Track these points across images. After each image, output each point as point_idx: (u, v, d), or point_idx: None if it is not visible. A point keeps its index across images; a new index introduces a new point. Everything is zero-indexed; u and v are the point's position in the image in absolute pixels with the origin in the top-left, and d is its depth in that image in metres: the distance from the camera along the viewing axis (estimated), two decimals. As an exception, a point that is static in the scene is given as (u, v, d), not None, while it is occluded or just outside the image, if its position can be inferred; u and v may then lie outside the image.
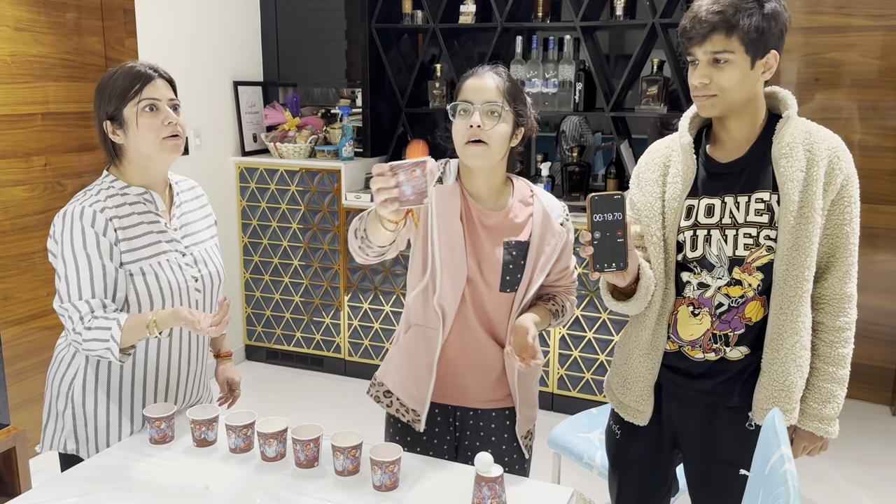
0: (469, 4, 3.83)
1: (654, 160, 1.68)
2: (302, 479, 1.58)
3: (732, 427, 1.64)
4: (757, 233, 1.55)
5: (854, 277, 1.60)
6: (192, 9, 3.73)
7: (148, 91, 1.67)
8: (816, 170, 1.52)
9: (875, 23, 3.50)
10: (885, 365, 3.75)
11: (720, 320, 1.61)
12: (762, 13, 1.46)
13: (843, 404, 3.55)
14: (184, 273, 1.76)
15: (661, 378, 1.70)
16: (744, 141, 1.58)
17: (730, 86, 1.49)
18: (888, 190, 3.62)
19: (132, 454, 1.68)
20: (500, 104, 1.61)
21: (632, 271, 1.51)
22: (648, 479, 1.79)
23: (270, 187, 4.01)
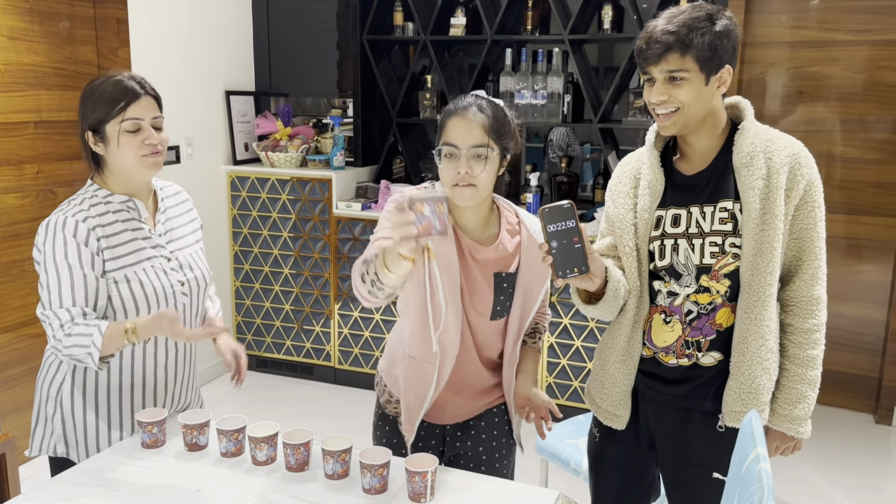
0: (459, 17, 3.88)
1: (626, 173, 1.73)
2: (292, 483, 1.60)
3: (706, 431, 1.68)
4: (722, 241, 1.60)
5: (822, 280, 1.64)
6: (185, 19, 3.76)
7: (132, 110, 1.68)
8: (777, 177, 1.56)
9: (857, 38, 3.57)
10: (868, 374, 3.80)
11: (691, 327, 1.65)
12: (714, 31, 1.49)
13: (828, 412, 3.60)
14: (169, 278, 1.79)
15: (637, 383, 1.74)
16: (707, 153, 1.63)
17: (687, 100, 1.53)
18: (871, 201, 3.68)
19: (123, 458, 1.69)
20: (486, 146, 1.60)
21: (598, 274, 1.55)
22: (626, 481, 1.83)
23: (261, 196, 4.04)
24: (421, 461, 1.55)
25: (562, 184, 3.84)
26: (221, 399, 3.94)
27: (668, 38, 1.49)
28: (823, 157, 3.71)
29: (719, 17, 1.52)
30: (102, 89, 1.69)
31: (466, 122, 1.61)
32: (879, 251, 3.70)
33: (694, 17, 1.50)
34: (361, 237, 3.88)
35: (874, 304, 3.74)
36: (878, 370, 3.76)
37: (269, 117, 4.15)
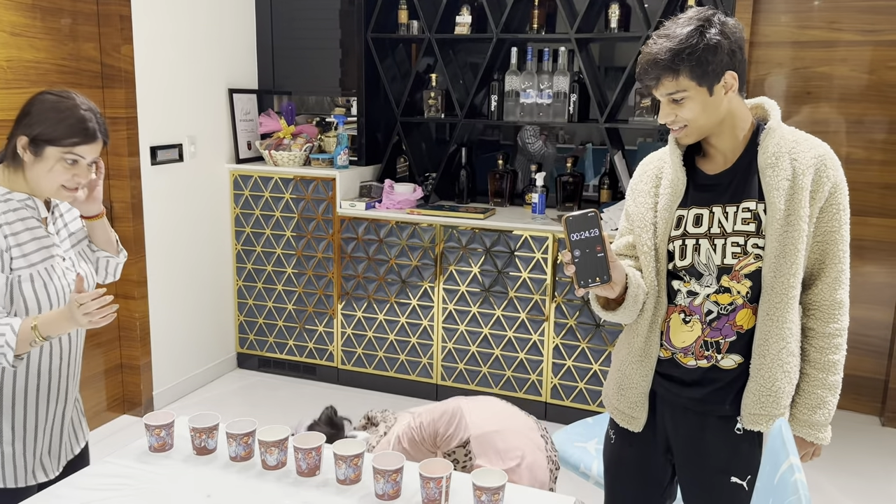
0: (465, 15, 3.85)
1: (647, 172, 1.72)
2: (304, 488, 1.58)
3: (723, 435, 1.66)
4: (744, 241, 1.58)
5: (844, 284, 1.62)
6: (189, 16, 3.73)
7: (81, 149, 1.67)
8: (803, 178, 1.55)
9: (864, 38, 3.55)
10: (874, 376, 3.78)
11: (711, 327, 1.63)
12: (702, 47, 1.48)
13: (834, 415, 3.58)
14: (66, 276, 1.76)
15: (655, 385, 1.72)
16: (730, 153, 1.61)
17: (693, 117, 1.54)
18: (876, 202, 3.66)
19: (132, 462, 1.67)
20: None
21: (618, 282, 1.53)
22: (641, 484, 1.81)
23: (265, 195, 4.01)
24: (435, 466, 1.52)
25: (567, 184, 3.81)
26: (223, 399, 3.92)
27: (656, 67, 1.51)
28: (830, 157, 3.69)
29: (710, 27, 1.50)
30: (65, 115, 1.66)
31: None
32: (886, 253, 3.68)
33: (682, 36, 1.49)
34: (365, 237, 3.86)
35: (881, 305, 3.73)
36: (885, 372, 3.74)
37: (272, 115, 4.12)
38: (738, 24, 1.56)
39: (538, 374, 3.64)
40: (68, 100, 1.69)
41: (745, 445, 1.58)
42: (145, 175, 3.53)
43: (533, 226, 3.53)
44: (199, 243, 3.91)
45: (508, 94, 3.86)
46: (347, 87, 4.25)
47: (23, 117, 1.69)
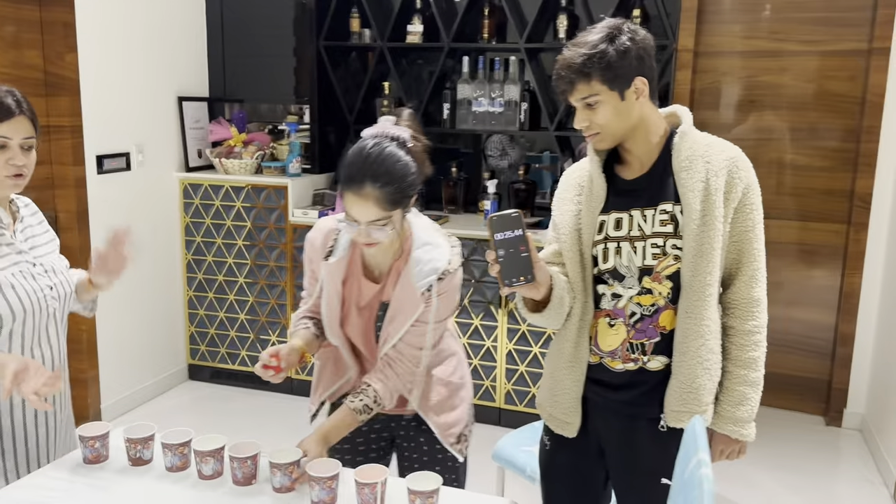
0: (416, 24, 3.87)
1: (571, 181, 1.76)
2: (240, 498, 1.57)
3: (653, 437, 1.69)
4: (664, 242, 1.63)
5: (761, 282, 1.67)
6: (136, 23, 3.69)
7: (2, 129, 1.64)
8: (716, 180, 1.60)
9: (806, 48, 3.65)
10: (819, 377, 3.88)
11: (635, 329, 1.67)
12: (612, 52, 1.54)
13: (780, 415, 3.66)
14: (38, 282, 1.74)
15: (586, 390, 1.74)
16: (645, 158, 1.66)
17: (606, 122, 1.59)
18: (820, 208, 3.76)
19: (66, 474, 1.64)
20: (384, 219, 1.63)
21: (543, 282, 1.56)
22: (576, 489, 1.83)
23: (215, 203, 3.97)
24: (370, 472, 1.52)
25: (519, 191, 3.85)
26: (174, 411, 3.86)
27: (569, 71, 1.57)
28: (774, 164, 3.78)
29: (620, 35, 1.56)
30: None
31: (362, 202, 1.62)
32: (829, 257, 3.78)
33: (593, 42, 1.56)
34: (318, 245, 3.84)
35: (824, 308, 3.82)
36: (828, 373, 3.84)
37: (222, 123, 4.09)
38: (648, 34, 1.62)
39: (492, 379, 3.66)
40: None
41: (672, 446, 1.61)
42: (91, 184, 3.48)
43: (485, 233, 3.56)
44: (149, 253, 3.85)
45: (461, 102, 3.89)
46: (300, 94, 4.24)
47: None
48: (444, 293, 1.75)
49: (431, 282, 1.72)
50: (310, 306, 1.90)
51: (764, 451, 3.49)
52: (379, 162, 1.62)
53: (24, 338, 1.72)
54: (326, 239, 1.82)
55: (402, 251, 1.77)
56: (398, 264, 1.77)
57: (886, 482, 3.22)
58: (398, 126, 1.71)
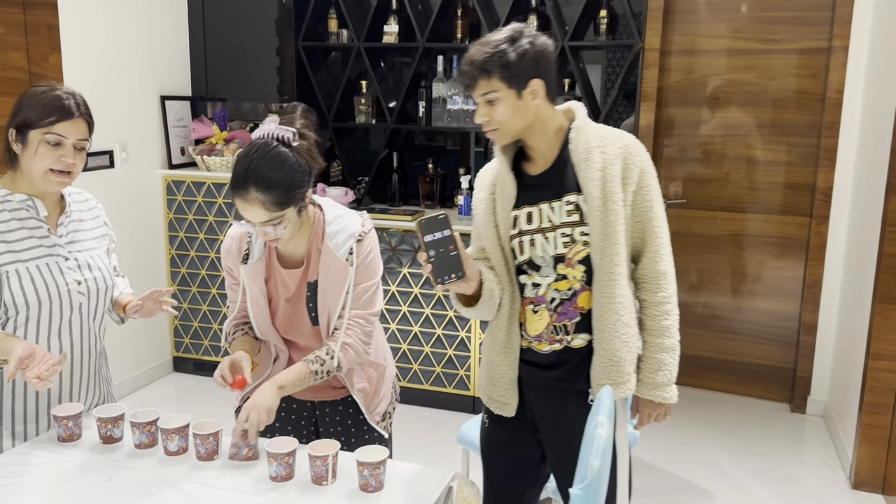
0: (392, 25, 3.98)
1: (484, 181, 1.88)
2: (201, 471, 1.68)
3: (581, 411, 1.80)
4: (571, 231, 1.75)
5: (664, 256, 1.80)
6: (119, 24, 3.79)
7: (60, 127, 1.75)
8: (613, 167, 1.72)
9: (769, 46, 3.77)
10: (784, 365, 4.00)
11: (557, 313, 1.80)
12: (512, 53, 1.65)
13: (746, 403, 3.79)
14: (65, 276, 1.84)
15: (521, 372, 1.87)
16: (547, 153, 1.79)
17: (504, 118, 1.70)
18: (783, 202, 3.88)
19: (40, 451, 1.75)
20: (276, 219, 1.71)
21: (473, 278, 1.68)
22: (514, 464, 1.95)
23: (198, 199, 4.08)
24: (323, 446, 1.64)
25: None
26: (158, 402, 3.96)
27: (471, 67, 1.68)
28: (740, 159, 3.90)
29: (521, 38, 1.68)
30: (42, 97, 1.76)
31: (250, 207, 1.70)
32: (792, 249, 3.90)
33: (495, 42, 1.67)
34: (297, 240, 3.95)
35: (788, 298, 3.94)
36: (793, 361, 3.96)
37: (204, 121, 4.19)
38: (548, 40, 1.73)
39: (466, 369, 3.77)
40: (48, 87, 1.79)
41: None
42: (75, 181, 3.57)
43: (459, 227, 3.66)
44: (133, 248, 3.96)
45: (436, 100, 4.00)
46: (281, 93, 4.34)
47: (13, 112, 1.78)
48: (366, 252, 1.86)
49: (351, 245, 1.83)
50: (237, 314, 1.97)
51: (730, 438, 3.62)
52: (261, 167, 1.67)
53: (41, 327, 1.82)
54: (241, 244, 1.91)
55: (315, 232, 1.86)
56: (315, 244, 1.87)
57: (844, 466, 3.34)
58: (282, 126, 1.75)
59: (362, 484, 1.60)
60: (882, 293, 3.00)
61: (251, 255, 1.89)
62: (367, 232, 1.87)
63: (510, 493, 1.96)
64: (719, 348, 4.12)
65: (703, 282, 4.11)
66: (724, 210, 3.99)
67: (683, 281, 4.13)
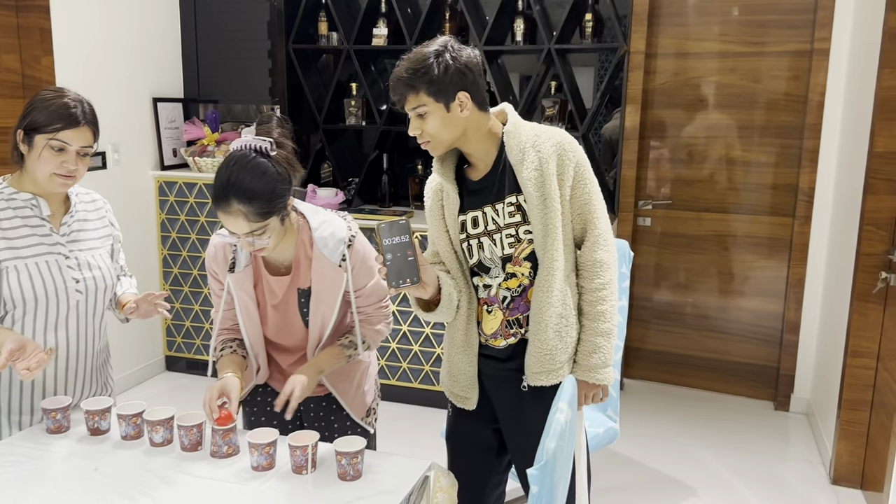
0: (381, 28, 4.03)
1: (432, 189, 1.93)
2: (185, 461, 1.73)
3: (536, 400, 1.88)
4: (516, 231, 1.82)
5: (602, 245, 1.85)
6: (111, 27, 3.84)
7: (65, 135, 1.80)
8: (548, 165, 1.78)
9: (752, 49, 3.83)
10: (767, 363, 4.05)
11: (509, 309, 1.87)
12: (436, 69, 1.70)
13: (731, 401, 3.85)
14: (63, 274, 1.89)
15: (480, 365, 1.94)
16: (486, 158, 1.84)
17: (435, 130, 1.75)
18: (767, 202, 3.94)
19: (28, 443, 1.80)
20: (258, 230, 1.75)
21: (430, 283, 1.74)
22: (475, 452, 2.04)
23: (189, 200, 4.13)
24: (302, 437, 1.69)
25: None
26: (150, 400, 3.99)
27: (399, 84, 1.73)
28: (724, 160, 3.96)
29: (445, 53, 1.72)
30: (51, 103, 1.82)
31: (232, 220, 1.73)
32: (776, 249, 3.96)
33: (421, 57, 1.72)
34: (288, 240, 4.00)
35: (772, 298, 4.00)
36: (777, 360, 4.02)
37: (196, 123, 4.24)
38: (473, 52, 1.77)
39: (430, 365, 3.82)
40: (58, 92, 1.85)
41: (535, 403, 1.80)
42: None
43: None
44: (125, 249, 3.97)
45: (425, 102, 4.05)
46: (272, 95, 4.39)
47: (22, 114, 1.84)
48: (360, 256, 1.91)
49: (343, 251, 1.88)
50: (224, 323, 2.01)
51: (713, 435, 3.67)
52: (241, 179, 1.70)
53: (37, 323, 1.88)
54: (226, 252, 1.94)
55: (301, 239, 1.90)
56: (303, 250, 1.91)
57: (824, 462, 3.40)
58: (258, 137, 1.78)
59: (340, 473, 1.65)
60: (860, 291, 3.06)
61: (237, 263, 1.92)
62: (354, 235, 1.91)
63: (473, 479, 2.03)
64: (704, 347, 4.18)
65: (689, 281, 4.16)
66: (710, 211, 4.05)
67: (669, 280, 4.19)
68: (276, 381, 2.08)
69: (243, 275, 1.92)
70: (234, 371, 1.89)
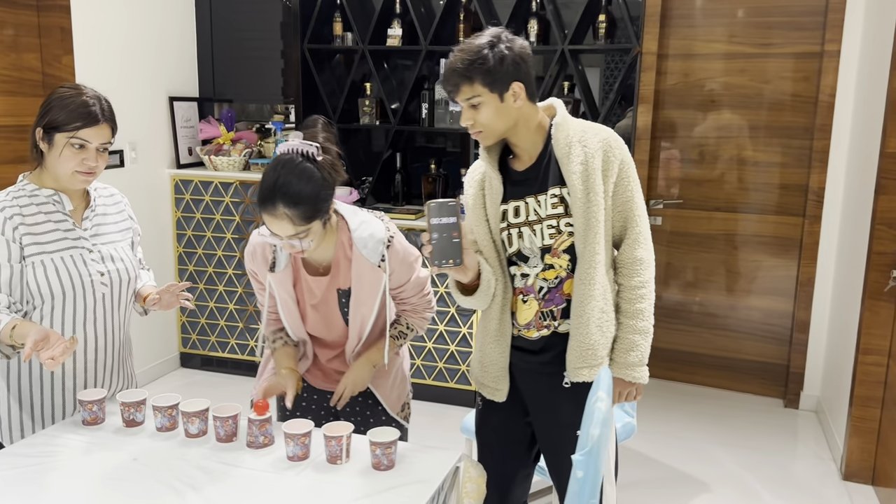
0: (396, 28, 4.07)
1: (474, 178, 1.97)
2: (221, 452, 1.77)
3: (567, 393, 1.91)
4: (557, 222, 1.85)
5: (642, 244, 1.89)
6: (129, 27, 3.88)
7: (85, 133, 1.83)
8: (594, 160, 1.81)
9: (762, 51, 3.87)
10: (777, 362, 4.09)
11: (545, 300, 1.90)
12: (492, 58, 1.73)
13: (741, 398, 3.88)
14: (88, 268, 1.93)
15: (512, 358, 1.97)
16: (532, 150, 1.88)
17: (488, 121, 1.78)
18: (777, 202, 3.98)
19: (67, 434, 1.84)
20: (302, 233, 1.78)
21: (471, 267, 1.77)
22: (505, 444, 2.06)
23: (205, 198, 4.17)
24: (337, 428, 1.73)
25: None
26: (166, 396, 4.04)
27: (455, 75, 1.75)
28: (734, 160, 4.00)
29: (500, 43, 1.75)
30: (70, 101, 1.84)
31: (278, 223, 1.76)
32: (786, 248, 4.00)
33: (475, 49, 1.74)
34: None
35: (782, 297, 4.04)
36: (786, 358, 4.06)
37: (212, 122, 4.28)
38: (525, 43, 1.81)
39: (468, 364, 3.86)
40: (75, 89, 1.88)
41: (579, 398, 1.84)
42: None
43: (460, 226, 3.76)
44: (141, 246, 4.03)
45: (438, 102, 4.10)
46: (286, 95, 4.44)
47: (40, 112, 1.86)
48: (399, 256, 1.95)
49: (382, 252, 1.92)
50: (271, 317, 2.07)
51: (724, 431, 3.72)
52: (288, 184, 1.73)
53: (66, 317, 1.91)
54: (265, 251, 1.97)
55: (340, 241, 1.94)
56: (342, 252, 1.94)
57: (835, 458, 3.44)
58: (306, 141, 1.80)
59: (375, 463, 1.69)
60: (871, 289, 3.10)
61: (277, 263, 1.95)
62: (393, 235, 1.95)
63: (504, 471, 2.06)
64: (714, 345, 4.22)
65: (699, 280, 4.21)
66: (720, 210, 4.09)
67: (680, 279, 4.23)
68: (311, 376, 2.12)
69: (283, 275, 1.95)
70: (292, 367, 1.97)
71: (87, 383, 2.00)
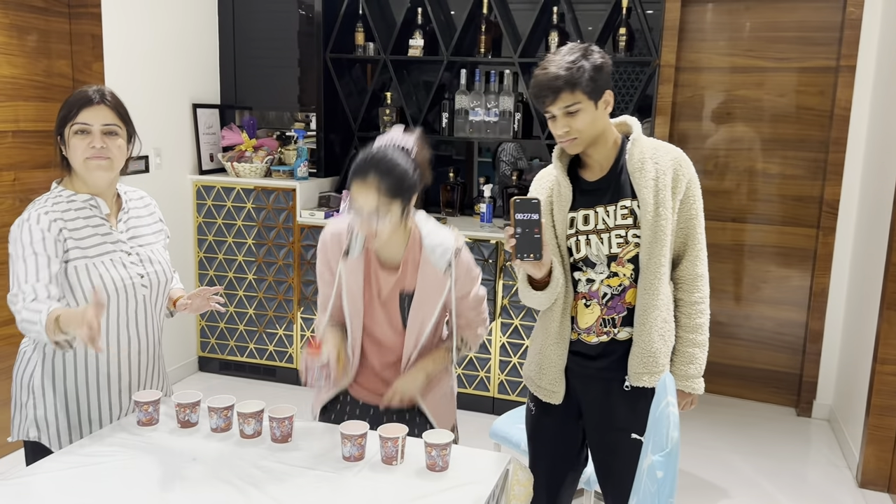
0: (417, 39, 4.14)
1: (543, 184, 2.03)
2: (278, 452, 1.81)
3: (623, 398, 1.97)
4: (625, 233, 1.91)
5: (703, 260, 1.97)
6: (156, 35, 3.93)
7: (83, 115, 1.87)
8: (664, 177, 1.89)
9: (779, 65, 3.94)
10: (790, 371, 4.16)
11: (607, 307, 1.96)
12: (591, 66, 1.80)
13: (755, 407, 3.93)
14: (128, 270, 1.96)
15: (569, 362, 2.03)
16: (604, 162, 1.95)
17: (584, 127, 1.85)
18: (791, 213, 4.05)
19: (124, 434, 1.88)
20: (384, 206, 1.86)
21: (546, 263, 1.84)
22: (559, 448, 2.11)
23: (227, 204, 4.21)
24: (392, 429, 1.78)
25: (513, 195, 4.11)
26: (186, 400, 4.08)
27: (558, 82, 1.80)
28: (748, 172, 4.07)
29: (593, 53, 1.83)
30: (71, 97, 1.91)
31: (365, 188, 1.86)
32: (799, 259, 4.07)
33: (572, 59, 1.81)
34: (324, 244, 4.09)
35: (795, 307, 4.11)
36: (799, 367, 4.12)
37: (234, 129, 4.33)
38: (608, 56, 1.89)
39: (486, 370, 3.91)
40: (80, 89, 1.92)
41: (641, 404, 1.88)
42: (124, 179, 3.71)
43: (480, 233, 3.82)
44: (164, 250, 4.08)
45: (458, 111, 4.16)
46: (306, 103, 4.49)
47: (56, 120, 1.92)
48: (466, 266, 2.03)
49: (449, 259, 1.99)
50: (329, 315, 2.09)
51: (740, 439, 3.77)
52: (383, 159, 1.87)
53: (109, 320, 1.95)
54: (341, 240, 2.04)
55: (411, 241, 2.01)
56: (412, 254, 2.01)
57: (850, 465, 3.50)
58: (406, 135, 1.96)
59: (430, 464, 1.74)
60: (889, 300, 3.16)
61: (351, 251, 2.02)
62: (461, 246, 2.03)
63: (555, 475, 2.11)
64: (728, 354, 4.28)
65: (713, 290, 4.20)
66: (734, 221, 4.16)
67: (694, 288, 4.29)
68: (359, 389, 2.14)
69: (356, 263, 2.01)
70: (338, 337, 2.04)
71: (131, 385, 2.04)
